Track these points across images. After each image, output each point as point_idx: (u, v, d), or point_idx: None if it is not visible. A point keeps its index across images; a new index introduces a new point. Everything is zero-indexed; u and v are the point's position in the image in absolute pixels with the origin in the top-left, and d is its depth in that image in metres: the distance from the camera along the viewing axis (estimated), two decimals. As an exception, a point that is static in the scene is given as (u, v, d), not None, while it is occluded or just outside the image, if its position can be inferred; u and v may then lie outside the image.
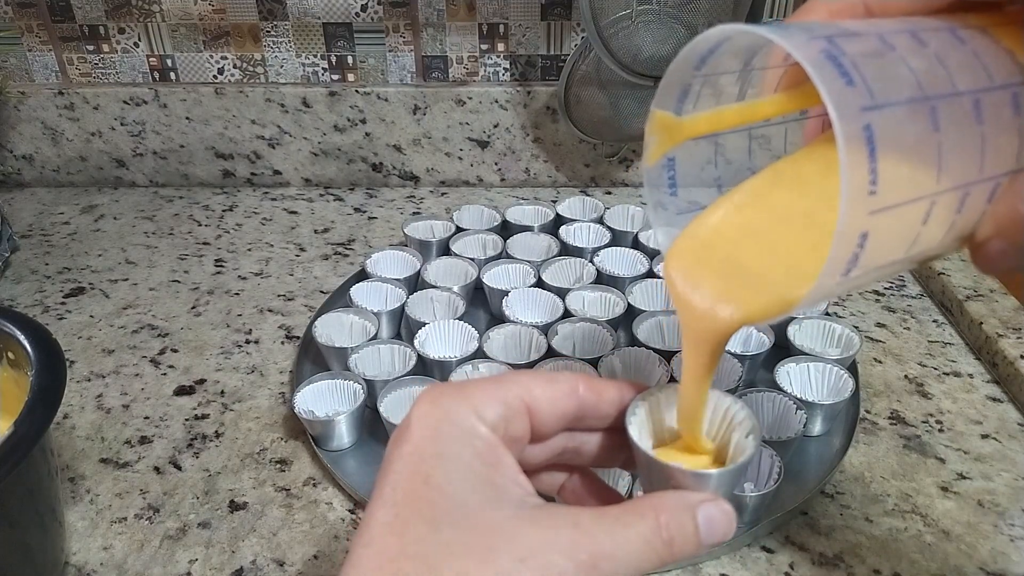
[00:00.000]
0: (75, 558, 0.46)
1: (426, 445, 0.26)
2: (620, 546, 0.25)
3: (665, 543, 0.25)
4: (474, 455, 0.26)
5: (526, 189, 0.89)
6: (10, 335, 0.43)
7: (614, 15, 0.69)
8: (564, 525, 0.25)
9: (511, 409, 0.27)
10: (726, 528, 0.27)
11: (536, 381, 0.28)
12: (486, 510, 0.25)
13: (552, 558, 0.24)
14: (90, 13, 0.84)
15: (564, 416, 0.29)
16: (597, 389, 0.29)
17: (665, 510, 0.26)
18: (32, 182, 0.91)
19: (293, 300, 0.70)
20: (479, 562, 0.23)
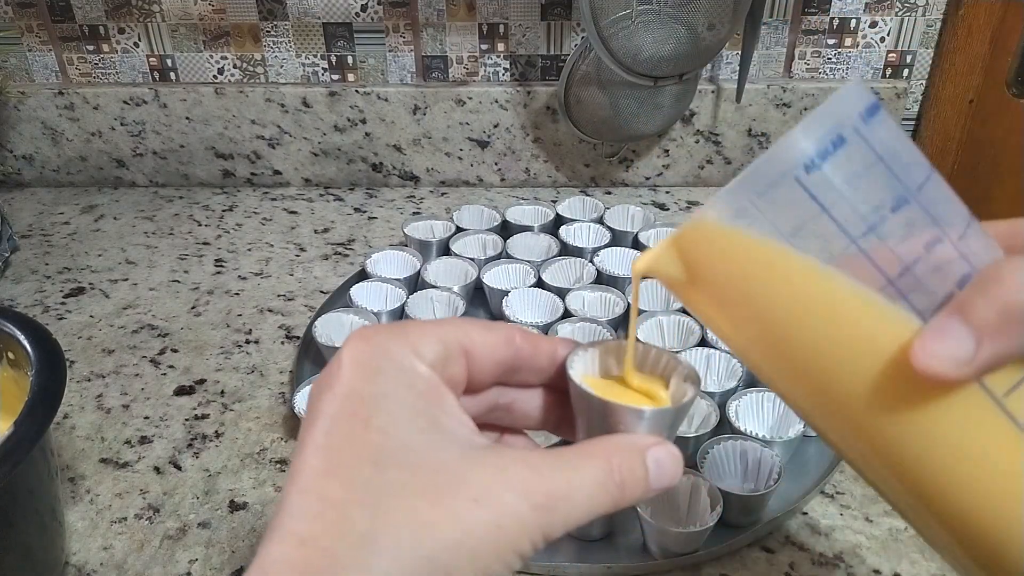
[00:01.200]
0: (75, 558, 0.46)
1: (362, 385, 0.24)
2: (575, 488, 0.24)
3: (618, 486, 0.25)
4: (416, 395, 0.24)
5: (526, 189, 0.89)
6: (10, 335, 0.43)
7: (614, 15, 0.69)
8: (516, 465, 0.24)
9: (449, 349, 0.26)
10: (674, 471, 0.26)
11: (474, 326, 0.27)
12: (433, 451, 0.24)
13: (506, 498, 0.23)
14: (90, 13, 0.84)
15: (500, 364, 0.28)
16: (533, 341, 0.28)
17: (616, 453, 0.25)
18: (32, 182, 0.91)
19: (293, 300, 0.70)
20: (431, 502, 0.22)
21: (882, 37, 0.83)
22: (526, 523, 0.23)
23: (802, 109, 0.84)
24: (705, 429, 0.50)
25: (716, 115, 0.85)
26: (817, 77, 0.85)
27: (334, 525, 0.22)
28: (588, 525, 0.45)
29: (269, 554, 0.22)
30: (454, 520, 0.22)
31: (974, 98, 0.84)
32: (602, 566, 0.45)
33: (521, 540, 0.23)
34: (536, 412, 0.30)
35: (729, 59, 0.84)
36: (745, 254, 0.24)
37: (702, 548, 0.45)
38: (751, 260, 0.24)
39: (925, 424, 0.23)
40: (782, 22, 0.83)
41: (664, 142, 0.87)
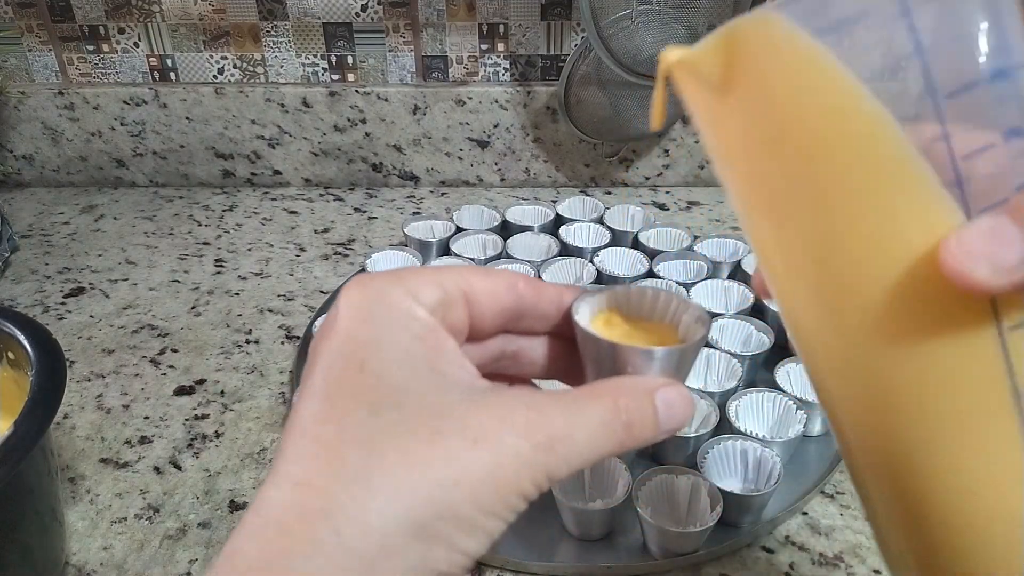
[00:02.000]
0: (75, 558, 0.46)
1: (359, 330, 0.24)
2: (578, 428, 0.23)
3: (624, 426, 0.24)
4: (413, 339, 0.24)
5: (526, 189, 0.89)
6: (10, 335, 0.43)
7: (614, 15, 0.69)
8: (518, 406, 0.23)
9: (449, 295, 0.25)
10: (685, 412, 0.25)
11: (474, 272, 0.27)
12: (431, 394, 0.23)
13: (506, 439, 0.22)
14: (90, 13, 0.84)
15: (503, 311, 0.27)
16: (537, 287, 0.28)
17: (624, 393, 0.25)
18: (32, 182, 0.91)
19: (293, 300, 0.70)
20: (426, 444, 0.22)
21: (882, 37, 0.83)
22: (527, 462, 0.22)
23: (802, 109, 0.84)
24: (705, 429, 0.50)
25: (716, 115, 0.85)
26: (817, 77, 0.85)
27: (328, 466, 0.22)
28: (588, 525, 0.45)
29: (265, 497, 0.22)
30: (451, 459, 0.22)
31: (974, 98, 0.83)
32: (602, 566, 0.45)
33: (522, 480, 0.22)
34: (543, 360, 0.29)
35: (729, 59, 0.84)
36: (808, 78, 0.21)
37: (702, 548, 0.45)
38: (812, 88, 0.21)
39: (924, 341, 0.20)
40: (782, 22, 0.83)
41: (664, 142, 0.87)
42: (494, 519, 0.22)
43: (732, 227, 0.81)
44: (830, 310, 0.22)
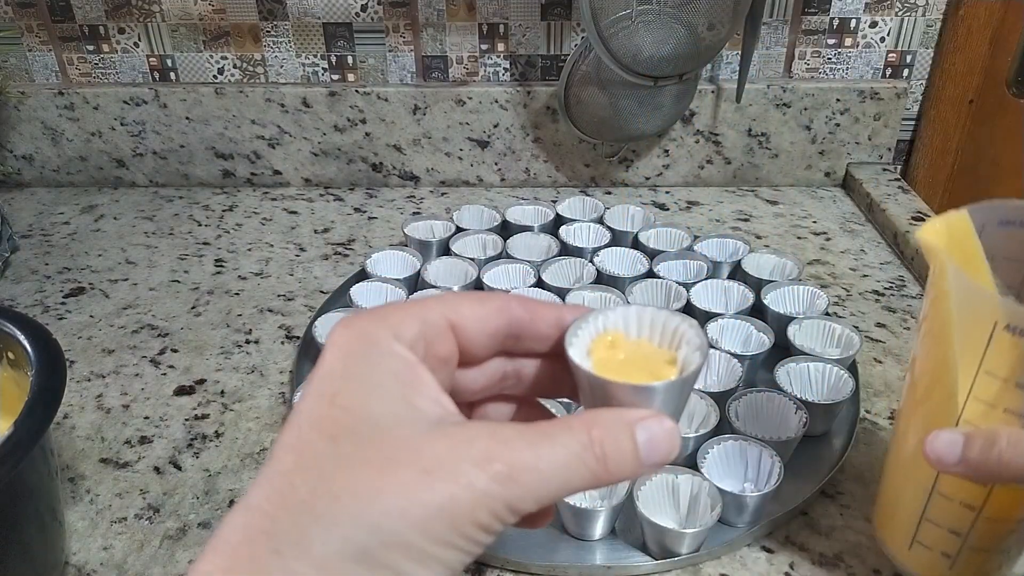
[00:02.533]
0: (75, 558, 0.46)
1: (336, 366, 0.25)
2: (544, 459, 0.23)
3: (598, 459, 0.24)
4: (387, 373, 0.24)
5: (526, 189, 0.89)
6: (10, 335, 0.43)
7: (614, 15, 0.69)
8: (479, 436, 0.23)
9: (432, 327, 0.26)
10: (668, 447, 0.25)
11: (464, 299, 0.27)
12: (397, 427, 0.23)
13: (462, 468, 0.22)
14: (90, 13, 0.84)
15: (495, 334, 0.27)
16: (531, 308, 0.28)
17: (599, 425, 0.24)
18: (32, 182, 0.91)
19: (293, 300, 0.70)
20: (377, 474, 0.22)
21: (882, 37, 0.83)
22: (484, 493, 0.22)
23: (802, 109, 0.84)
24: (705, 429, 0.50)
25: (716, 115, 0.85)
26: (817, 77, 0.85)
27: (277, 492, 0.22)
28: (588, 525, 0.45)
29: (225, 520, 0.23)
30: (400, 489, 0.22)
31: (974, 98, 0.84)
32: (602, 566, 0.45)
33: (478, 511, 0.22)
34: (549, 380, 0.29)
35: (729, 59, 0.84)
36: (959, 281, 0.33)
37: (702, 548, 0.45)
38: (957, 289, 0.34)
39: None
40: (782, 22, 0.83)
41: (664, 142, 0.87)
42: (450, 550, 0.22)
43: (732, 227, 0.81)
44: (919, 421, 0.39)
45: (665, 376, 0.27)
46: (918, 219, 0.77)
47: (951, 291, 0.34)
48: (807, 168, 0.88)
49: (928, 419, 0.37)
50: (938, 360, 0.36)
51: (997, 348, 0.32)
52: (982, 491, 0.36)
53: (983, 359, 0.33)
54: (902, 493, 0.40)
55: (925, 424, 0.37)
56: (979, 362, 0.33)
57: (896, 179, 0.85)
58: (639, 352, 0.28)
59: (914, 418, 0.39)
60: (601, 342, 0.28)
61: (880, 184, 0.84)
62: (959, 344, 0.34)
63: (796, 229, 0.81)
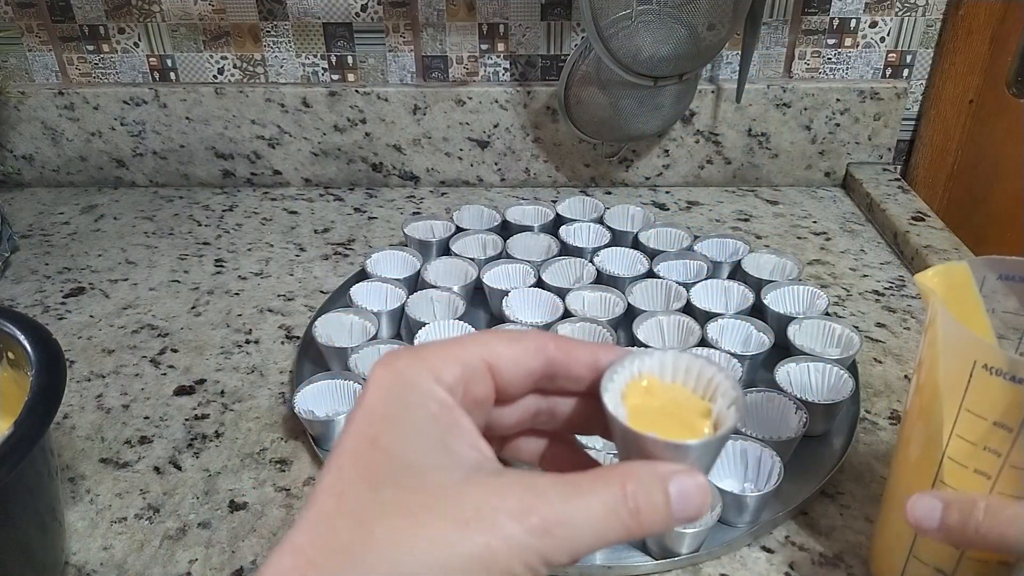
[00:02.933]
0: (75, 558, 0.46)
1: (377, 407, 0.25)
2: (579, 512, 0.23)
3: (631, 513, 0.24)
4: (427, 417, 0.25)
5: (526, 189, 0.89)
6: (10, 335, 0.43)
7: (614, 15, 0.69)
8: (515, 487, 0.23)
9: (471, 369, 0.26)
10: (700, 502, 0.25)
11: (500, 339, 0.27)
12: (435, 473, 0.24)
13: (498, 519, 0.22)
14: (90, 13, 0.84)
15: (531, 375, 0.27)
16: (566, 348, 0.28)
17: (633, 478, 0.24)
18: (32, 182, 0.91)
19: (293, 300, 0.70)
20: (416, 522, 0.22)
21: (882, 37, 0.83)
22: (519, 545, 0.22)
23: (802, 109, 0.84)
24: (705, 429, 0.50)
25: (716, 115, 0.85)
26: (817, 77, 0.85)
27: (320, 536, 0.23)
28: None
29: (269, 562, 0.23)
30: (439, 540, 0.22)
31: (974, 98, 0.84)
32: (602, 566, 0.45)
33: (513, 563, 0.22)
34: (583, 417, 0.29)
35: (729, 59, 0.84)
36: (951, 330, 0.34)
37: (702, 548, 0.45)
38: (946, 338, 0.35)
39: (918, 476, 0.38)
40: (782, 22, 0.83)
41: (664, 142, 0.87)
42: None
43: (732, 227, 0.81)
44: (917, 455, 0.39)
45: (698, 429, 0.27)
46: (918, 219, 0.77)
47: (939, 332, 0.35)
48: (807, 168, 0.88)
49: (914, 455, 0.38)
50: (926, 400, 0.36)
51: (977, 387, 0.33)
52: None
53: (964, 398, 0.34)
54: (892, 527, 0.41)
55: (913, 461, 0.38)
56: (960, 401, 0.34)
57: (896, 179, 0.85)
58: (674, 399, 0.28)
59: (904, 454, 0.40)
60: (636, 387, 0.28)
61: (880, 184, 0.84)
62: (944, 383, 0.35)
63: (796, 229, 0.81)
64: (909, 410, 0.39)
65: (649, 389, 0.28)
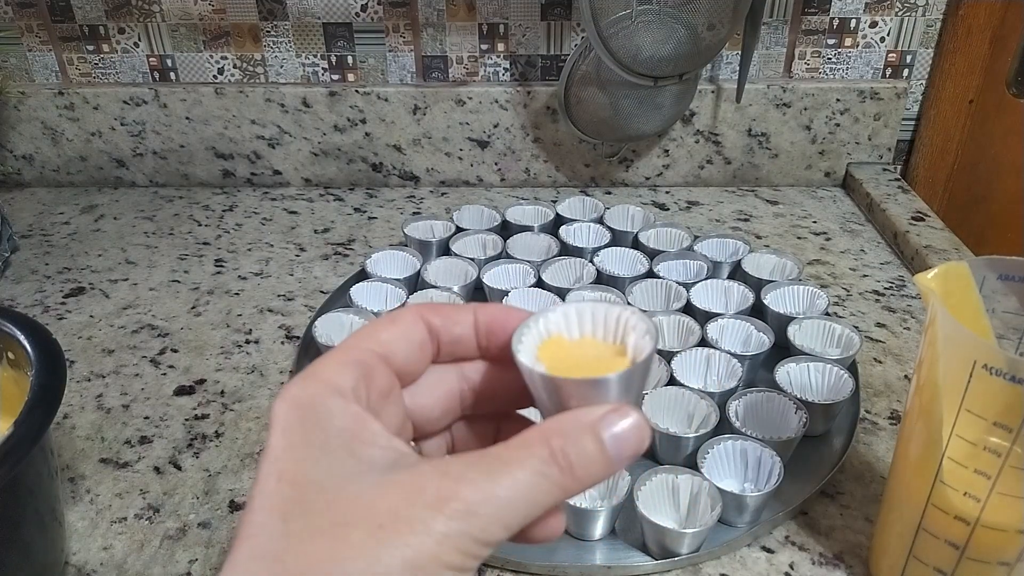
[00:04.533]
0: (75, 558, 0.46)
1: (277, 444, 0.24)
2: (505, 486, 0.22)
3: (563, 470, 0.23)
4: (331, 434, 0.24)
5: (526, 189, 0.89)
6: (10, 335, 0.43)
7: (614, 15, 0.69)
8: (431, 477, 0.22)
9: (365, 366, 0.25)
10: (637, 439, 0.24)
11: (380, 326, 0.26)
12: (345, 486, 0.22)
13: (417, 514, 0.21)
14: (90, 13, 0.84)
15: (422, 347, 0.27)
16: (443, 312, 0.27)
17: (557, 434, 0.23)
18: (32, 182, 0.91)
19: (293, 300, 0.70)
20: (333, 541, 0.21)
21: (882, 37, 0.83)
22: (444, 535, 0.21)
23: (802, 109, 0.84)
24: (705, 429, 0.50)
25: (716, 115, 0.85)
26: (817, 77, 0.85)
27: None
28: (588, 525, 0.45)
29: None
30: (357, 552, 0.21)
31: (974, 98, 0.84)
32: (602, 566, 0.45)
33: (444, 554, 0.21)
34: (508, 392, 0.28)
35: (729, 59, 0.84)
36: (952, 329, 0.34)
37: (702, 548, 0.45)
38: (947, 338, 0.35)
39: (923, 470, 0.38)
40: (782, 22, 0.83)
41: (664, 142, 0.87)
42: None
43: (732, 227, 0.81)
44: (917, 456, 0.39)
45: (618, 366, 0.26)
46: (918, 219, 0.77)
47: (938, 332, 0.35)
48: (807, 168, 0.88)
49: (914, 455, 0.38)
50: (925, 400, 0.37)
51: (977, 387, 0.33)
52: (965, 530, 0.36)
53: (964, 398, 0.34)
54: (892, 527, 0.41)
55: (913, 461, 0.38)
56: (960, 401, 0.34)
57: (896, 179, 0.85)
58: (587, 351, 0.27)
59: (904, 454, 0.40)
60: (547, 348, 0.27)
61: (880, 184, 0.84)
62: (944, 383, 0.35)
63: (796, 229, 0.81)
64: (909, 410, 0.39)
65: (559, 345, 0.27)
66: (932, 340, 0.36)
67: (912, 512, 0.39)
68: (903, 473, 0.40)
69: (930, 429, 0.36)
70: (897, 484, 0.40)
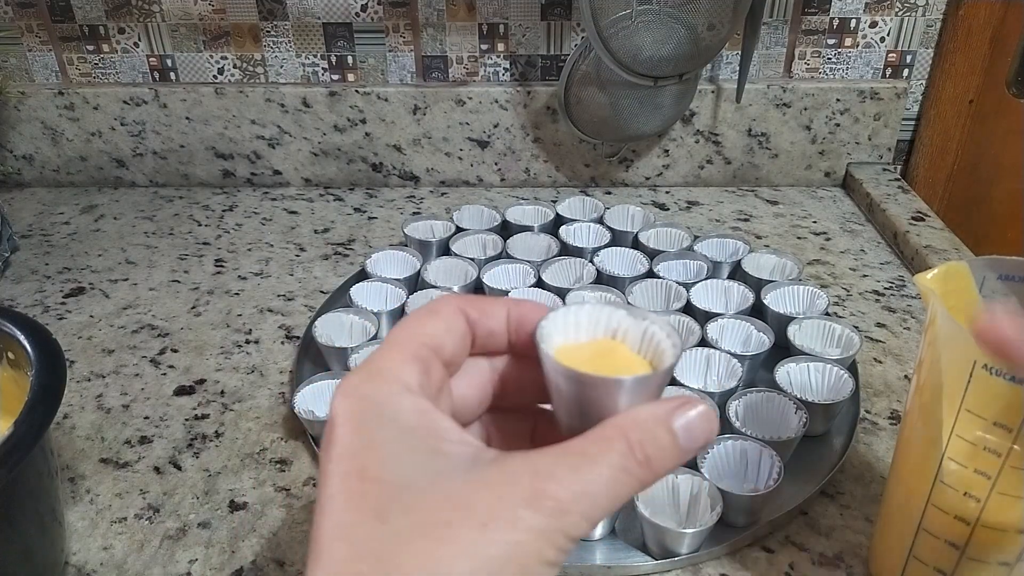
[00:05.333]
0: (75, 558, 0.46)
1: (352, 440, 0.24)
2: (591, 482, 0.23)
3: (641, 464, 0.23)
4: (406, 432, 0.24)
5: (526, 189, 0.89)
6: (10, 335, 0.43)
7: (614, 15, 0.69)
8: (522, 476, 0.23)
9: (424, 361, 0.25)
10: (708, 429, 0.24)
11: (424, 319, 0.27)
12: (435, 483, 0.23)
13: (517, 513, 0.22)
14: (90, 13, 0.84)
15: (463, 338, 0.27)
16: (479, 305, 0.28)
17: (633, 428, 0.24)
18: (32, 182, 0.91)
19: (293, 300, 0.70)
20: (438, 541, 0.22)
21: (882, 37, 0.83)
22: (543, 532, 0.22)
23: (802, 109, 0.84)
24: (705, 429, 0.50)
25: (716, 115, 0.85)
26: (817, 77, 0.85)
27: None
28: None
29: None
30: (465, 551, 0.21)
31: (974, 98, 0.84)
32: (602, 566, 0.45)
33: (544, 549, 0.22)
34: (531, 384, 0.29)
35: (729, 59, 0.84)
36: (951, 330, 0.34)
37: (702, 548, 0.45)
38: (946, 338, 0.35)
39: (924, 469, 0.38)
40: (782, 22, 0.83)
41: (664, 142, 0.87)
42: None
43: (732, 227, 0.81)
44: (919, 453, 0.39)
45: (639, 364, 0.27)
46: (918, 219, 0.77)
47: (938, 332, 0.35)
48: (807, 168, 0.88)
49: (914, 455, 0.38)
50: (925, 400, 0.37)
51: (977, 387, 0.33)
52: (965, 530, 0.36)
53: (964, 398, 0.34)
54: (892, 527, 0.41)
55: (913, 461, 0.38)
56: (960, 401, 0.34)
57: (896, 179, 0.85)
58: (611, 352, 0.28)
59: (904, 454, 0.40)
60: (568, 346, 0.28)
61: (880, 184, 0.84)
62: (944, 383, 0.35)
63: (796, 229, 0.81)
64: (909, 410, 0.39)
65: (579, 344, 0.28)
66: (932, 340, 0.36)
67: (912, 512, 0.39)
68: (903, 473, 0.39)
69: (930, 429, 0.36)
70: (897, 484, 0.40)
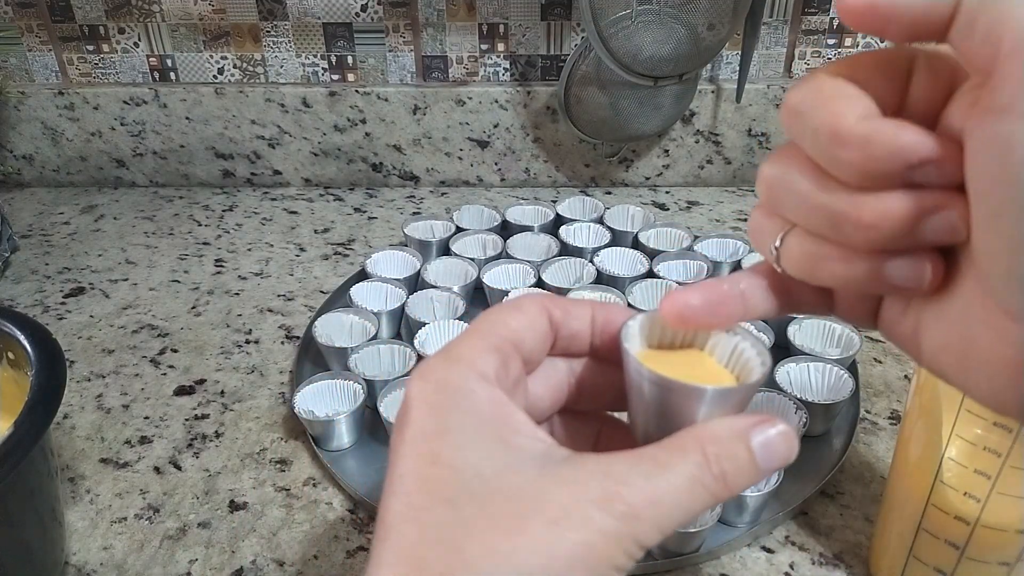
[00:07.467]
0: (75, 558, 0.46)
1: (426, 424, 0.24)
2: (663, 490, 0.22)
3: (717, 478, 0.23)
4: (481, 421, 0.24)
5: (526, 189, 0.89)
6: (10, 335, 0.43)
7: (614, 15, 0.69)
8: (594, 476, 0.22)
9: (504, 353, 0.25)
10: (787, 449, 0.24)
11: (507, 314, 0.26)
12: (506, 475, 0.23)
13: (588, 513, 0.21)
14: (90, 13, 0.84)
15: (545, 337, 0.27)
16: (563, 305, 0.28)
17: (712, 441, 0.23)
18: (32, 182, 0.91)
19: (293, 300, 0.70)
20: (508, 533, 0.21)
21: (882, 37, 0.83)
22: (614, 536, 0.22)
23: (802, 109, 0.84)
24: (705, 429, 0.50)
25: (716, 115, 0.85)
26: (817, 77, 0.85)
27: (410, 569, 0.22)
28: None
29: None
30: (535, 546, 0.21)
31: (974, 98, 0.84)
32: (602, 566, 0.45)
33: (614, 554, 0.22)
34: (609, 388, 0.29)
35: (729, 59, 0.84)
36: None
37: (702, 548, 0.45)
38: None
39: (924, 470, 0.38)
40: (782, 22, 0.83)
41: (664, 142, 0.87)
42: None
43: (732, 227, 0.81)
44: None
45: (725, 376, 0.26)
46: (918, 219, 0.77)
47: None
48: (807, 168, 0.88)
49: (914, 455, 0.38)
50: (925, 400, 0.37)
51: None
52: (965, 530, 0.36)
53: (964, 398, 0.34)
54: (892, 527, 0.41)
55: (913, 461, 0.38)
56: (960, 401, 0.34)
57: (896, 179, 0.85)
58: (700, 362, 0.28)
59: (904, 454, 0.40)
60: (653, 352, 0.28)
61: (880, 184, 0.84)
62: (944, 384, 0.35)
63: (796, 229, 0.81)
64: (909, 410, 0.39)
65: (663, 351, 0.28)
66: None
67: (912, 512, 0.39)
68: (903, 473, 0.40)
69: (930, 429, 0.36)
70: (897, 484, 0.40)
